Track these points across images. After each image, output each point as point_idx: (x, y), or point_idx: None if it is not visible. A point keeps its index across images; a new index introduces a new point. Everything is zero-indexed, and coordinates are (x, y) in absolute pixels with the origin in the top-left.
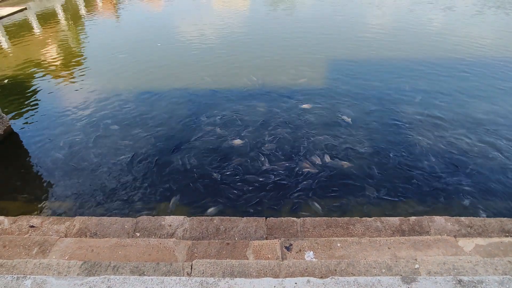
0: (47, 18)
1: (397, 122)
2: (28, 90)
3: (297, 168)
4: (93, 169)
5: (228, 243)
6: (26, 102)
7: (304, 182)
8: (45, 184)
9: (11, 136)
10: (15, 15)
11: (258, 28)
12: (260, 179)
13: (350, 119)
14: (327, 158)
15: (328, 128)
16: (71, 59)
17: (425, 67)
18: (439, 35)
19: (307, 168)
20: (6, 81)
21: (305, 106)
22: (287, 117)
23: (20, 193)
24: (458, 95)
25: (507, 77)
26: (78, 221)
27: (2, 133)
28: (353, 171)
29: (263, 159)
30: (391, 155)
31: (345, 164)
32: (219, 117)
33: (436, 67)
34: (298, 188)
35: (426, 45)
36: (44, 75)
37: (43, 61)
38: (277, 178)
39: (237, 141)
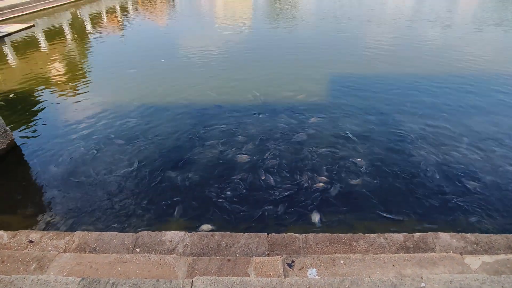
0: (53, 34)
1: (400, 138)
2: (33, 104)
3: (300, 184)
4: (94, 184)
5: (229, 260)
6: (30, 116)
7: (307, 198)
8: (45, 198)
9: (14, 149)
10: (23, 31)
11: (260, 45)
12: (262, 194)
13: (352, 135)
14: (330, 174)
15: (331, 143)
16: (76, 73)
17: (427, 82)
18: (440, 51)
19: (310, 183)
20: (11, 95)
21: (307, 121)
22: (289, 132)
23: (20, 207)
24: (460, 110)
25: (509, 92)
26: (77, 236)
27: (5, 147)
28: (356, 187)
29: (265, 174)
30: (395, 170)
31: (348, 179)
32: (221, 132)
33: (437, 82)
34: (300, 204)
35: (427, 60)
36: (49, 90)
37: (48, 75)
38: (279, 194)
39: (240, 156)
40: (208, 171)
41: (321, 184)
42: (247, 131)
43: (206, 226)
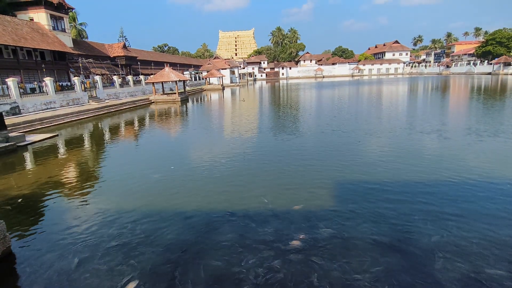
0: (73, 143)
1: (418, 247)
2: (38, 210)
3: None
4: None
5: None
6: (33, 222)
7: None
8: None
9: (8, 257)
10: (46, 140)
11: (266, 153)
12: None
13: (364, 246)
14: None
15: (345, 256)
16: (87, 180)
17: (435, 188)
18: (444, 159)
19: None
20: (20, 200)
21: (320, 230)
22: (301, 244)
23: None
24: (476, 215)
25: None
26: None
27: (0, 254)
28: None
29: None
30: None
31: None
32: (227, 242)
33: (446, 188)
34: None
35: (432, 167)
36: (57, 196)
37: (60, 182)
38: None
39: (243, 271)
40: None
41: None
42: (254, 240)
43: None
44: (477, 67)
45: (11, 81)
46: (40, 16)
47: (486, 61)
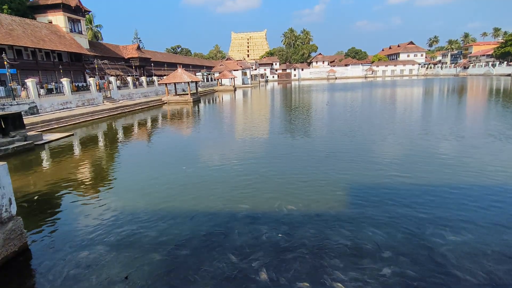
0: (88, 142)
1: (434, 253)
2: (54, 208)
3: None
4: None
5: None
6: (48, 220)
7: None
8: None
9: (24, 253)
10: (62, 139)
11: (278, 156)
12: None
13: (376, 250)
14: None
15: (355, 260)
16: (101, 178)
17: (456, 193)
18: (456, 162)
19: None
20: (36, 197)
21: (334, 233)
22: (310, 245)
23: None
24: (495, 223)
25: None
26: None
27: (17, 249)
28: None
29: None
30: None
31: None
32: (237, 243)
33: (467, 193)
34: None
35: (454, 171)
36: (72, 194)
37: (75, 180)
38: None
39: (257, 274)
40: None
41: None
42: (264, 241)
43: None
44: (495, 68)
45: (30, 82)
46: (58, 19)
47: (506, 62)
